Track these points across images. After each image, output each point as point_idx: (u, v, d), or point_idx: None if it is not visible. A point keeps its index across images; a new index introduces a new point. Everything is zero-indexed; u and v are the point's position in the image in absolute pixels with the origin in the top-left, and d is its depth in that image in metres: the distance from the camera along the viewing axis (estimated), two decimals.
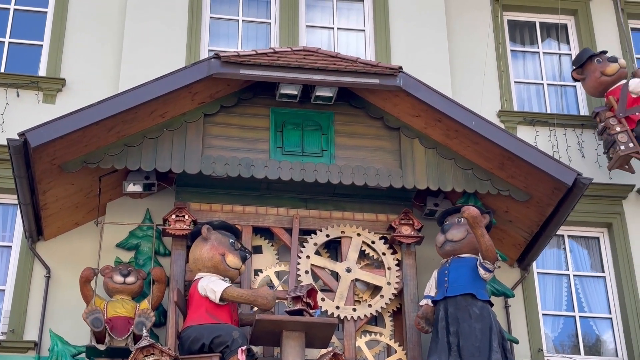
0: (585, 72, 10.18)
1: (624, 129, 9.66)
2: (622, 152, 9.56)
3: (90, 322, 7.65)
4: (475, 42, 10.80)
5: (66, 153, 7.84)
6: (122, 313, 7.82)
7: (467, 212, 7.65)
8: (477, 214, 7.64)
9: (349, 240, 8.51)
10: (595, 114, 10.05)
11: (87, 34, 10.14)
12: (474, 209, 7.67)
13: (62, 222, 8.65)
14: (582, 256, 9.98)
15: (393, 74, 8.19)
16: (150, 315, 7.75)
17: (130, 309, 7.86)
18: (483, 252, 7.73)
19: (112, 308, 7.84)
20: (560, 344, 9.52)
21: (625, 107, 9.82)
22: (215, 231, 7.88)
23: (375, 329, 8.38)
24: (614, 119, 9.76)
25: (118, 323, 7.77)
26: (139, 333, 7.62)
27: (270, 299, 7.50)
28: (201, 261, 7.75)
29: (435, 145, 8.55)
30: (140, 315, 7.75)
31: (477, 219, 7.64)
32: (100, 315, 7.69)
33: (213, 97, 8.38)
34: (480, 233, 7.67)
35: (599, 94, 10.20)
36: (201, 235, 7.83)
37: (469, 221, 7.69)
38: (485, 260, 7.77)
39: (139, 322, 7.71)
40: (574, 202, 8.33)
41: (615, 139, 9.63)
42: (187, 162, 8.12)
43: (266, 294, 7.53)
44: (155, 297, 7.96)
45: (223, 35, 10.48)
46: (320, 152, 8.41)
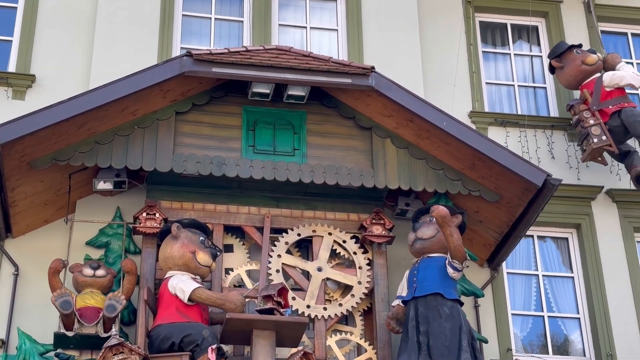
0: (564, 61, 10.25)
1: (597, 122, 9.79)
2: (595, 144, 9.69)
3: (60, 304, 7.50)
4: (447, 43, 10.85)
5: (36, 150, 7.77)
6: (92, 304, 7.68)
7: (436, 211, 7.69)
8: (446, 214, 7.68)
9: (320, 239, 8.52)
10: (569, 106, 10.16)
11: (57, 30, 10.05)
12: (443, 209, 7.71)
13: (31, 219, 8.58)
14: (551, 256, 10.07)
15: (365, 74, 8.21)
16: (121, 299, 7.63)
17: (100, 301, 7.72)
18: (452, 251, 7.77)
19: (82, 300, 7.70)
20: (529, 343, 9.59)
21: (599, 101, 9.95)
22: (185, 229, 7.85)
23: (346, 328, 8.40)
24: (588, 112, 9.89)
25: (87, 312, 7.64)
26: (109, 315, 7.52)
27: (238, 304, 7.49)
28: (172, 259, 7.72)
29: (407, 145, 8.58)
30: (111, 299, 7.62)
31: (446, 219, 7.68)
32: (69, 298, 7.53)
33: (185, 95, 8.35)
34: (449, 232, 7.72)
35: (575, 84, 10.25)
36: (171, 233, 7.80)
37: (437, 221, 7.72)
38: (453, 260, 7.81)
39: (110, 305, 7.58)
40: (543, 202, 8.39)
41: (588, 131, 9.76)
42: (159, 160, 8.09)
43: (235, 299, 7.51)
44: (125, 290, 7.85)
45: (195, 33, 10.45)
46: (292, 151, 8.41)
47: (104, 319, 7.61)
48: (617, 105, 9.90)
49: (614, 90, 10.00)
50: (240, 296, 7.61)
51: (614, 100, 9.94)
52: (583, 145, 9.90)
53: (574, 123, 10.04)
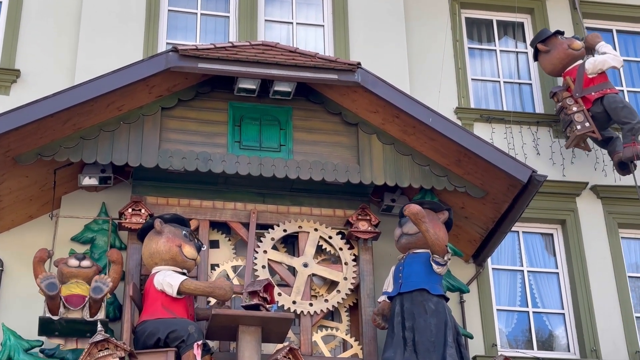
0: (550, 45, 10.30)
1: (580, 109, 9.89)
2: (578, 131, 9.79)
3: (45, 286, 7.38)
4: (433, 39, 10.87)
5: (20, 145, 7.74)
6: (77, 292, 7.60)
7: (408, 210, 7.74)
8: (418, 210, 7.71)
9: (306, 235, 8.53)
10: (552, 94, 10.24)
11: (42, 25, 10.00)
12: (415, 206, 7.75)
13: (16, 214, 8.54)
14: (536, 252, 10.11)
15: (351, 70, 8.22)
16: (108, 281, 7.52)
17: (86, 290, 7.61)
18: (430, 246, 7.80)
19: (67, 289, 7.61)
20: (514, 339, 9.63)
21: (581, 87, 10.03)
22: (167, 224, 7.83)
23: (332, 324, 8.41)
24: (571, 99, 9.99)
25: (73, 298, 7.56)
26: (95, 296, 7.44)
27: (227, 290, 7.49)
28: (158, 254, 7.69)
29: (393, 141, 8.59)
30: (97, 281, 7.51)
31: (419, 215, 7.71)
32: (55, 281, 7.43)
33: (171, 90, 8.33)
34: (425, 228, 7.74)
35: (560, 69, 10.28)
36: (154, 229, 7.78)
37: (411, 219, 7.76)
38: (435, 255, 7.84)
39: (96, 287, 7.48)
40: (528, 198, 8.43)
41: (572, 118, 9.87)
42: (144, 155, 8.07)
43: (223, 284, 7.51)
44: (112, 279, 7.83)
45: (181, 28, 10.42)
46: (278, 147, 8.41)
47: (90, 302, 7.51)
48: (599, 91, 10.00)
49: (596, 77, 10.09)
50: (228, 282, 7.61)
51: (596, 87, 10.02)
52: (567, 132, 10.00)
53: (558, 110, 10.14)
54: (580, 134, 9.80)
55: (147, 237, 7.85)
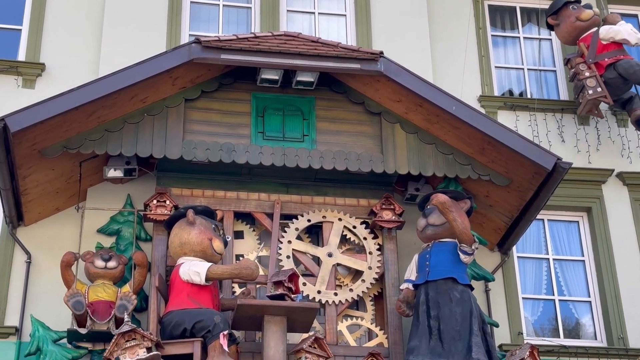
0: (560, 18, 10.42)
1: (592, 74, 9.97)
2: (590, 96, 9.87)
3: (72, 305, 7.62)
4: (456, 27, 10.82)
5: (46, 138, 7.80)
6: (104, 297, 7.80)
7: (436, 199, 7.72)
8: (446, 200, 7.70)
9: (331, 225, 8.53)
10: (567, 60, 10.34)
11: (66, 19, 10.07)
12: (442, 195, 7.73)
13: (43, 207, 8.62)
14: (561, 240, 10.05)
15: (374, 59, 8.20)
16: (132, 298, 7.74)
17: (112, 294, 7.84)
18: (458, 235, 7.78)
19: (94, 292, 7.82)
20: (540, 327, 9.59)
21: (595, 53, 10.10)
22: (198, 216, 7.87)
23: (357, 314, 8.42)
24: (584, 64, 10.09)
25: (99, 307, 7.76)
26: (120, 316, 7.62)
27: (254, 269, 7.51)
28: (189, 245, 7.70)
29: (416, 130, 8.57)
30: (122, 299, 7.74)
31: (446, 205, 7.69)
32: (81, 299, 7.66)
33: (194, 82, 8.35)
34: (452, 218, 7.72)
35: (572, 40, 10.41)
36: (187, 219, 7.79)
37: (438, 208, 7.74)
38: (462, 244, 7.82)
39: (121, 305, 7.70)
40: (553, 186, 8.38)
41: (584, 83, 9.95)
42: (168, 147, 8.10)
43: (249, 264, 7.54)
44: (136, 282, 7.95)
45: (204, 19, 10.44)
46: (301, 137, 8.41)
47: (116, 317, 7.69)
48: (613, 57, 10.05)
49: (610, 44, 10.13)
50: (254, 261, 7.64)
51: (610, 53, 10.08)
52: (579, 98, 10.05)
53: (571, 76, 10.23)
54: (591, 99, 9.88)
55: (177, 226, 7.85)
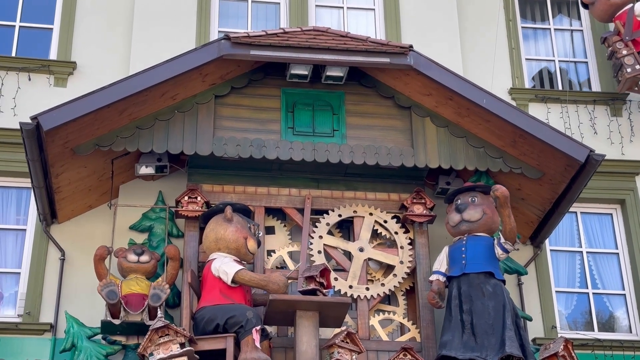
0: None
1: (630, 52, 9.94)
2: (628, 74, 9.84)
3: (106, 294, 7.65)
4: (486, 19, 10.75)
5: (78, 136, 7.86)
6: (137, 290, 7.81)
7: (500, 191, 7.67)
8: (508, 194, 7.66)
9: (361, 219, 8.52)
10: (603, 39, 10.27)
11: (97, 17, 10.15)
12: (505, 189, 7.69)
13: (76, 205, 8.69)
14: (595, 233, 9.97)
15: (403, 53, 8.17)
16: (165, 288, 7.75)
17: (145, 287, 7.84)
18: (507, 232, 7.75)
19: (127, 286, 7.83)
20: (574, 321, 9.53)
21: (631, 31, 10.06)
22: (236, 213, 7.88)
23: (389, 308, 8.41)
24: (621, 42, 10.04)
25: (133, 299, 7.77)
26: (154, 305, 7.64)
27: (281, 285, 7.51)
28: (224, 241, 7.72)
29: (447, 124, 8.53)
30: (155, 287, 7.74)
31: (509, 199, 7.66)
32: (115, 288, 7.69)
33: (224, 78, 8.38)
34: (508, 213, 7.70)
35: (608, 18, 10.37)
36: (224, 215, 7.80)
37: (499, 200, 7.69)
38: (506, 241, 7.78)
39: (154, 294, 7.71)
40: (586, 179, 8.31)
41: (622, 62, 9.92)
42: (199, 143, 8.13)
43: (278, 280, 7.53)
44: (169, 275, 7.97)
45: (233, 16, 10.47)
46: (331, 132, 8.41)
47: (149, 307, 7.73)
48: None
49: None
50: (283, 277, 7.64)
51: None
52: (618, 76, 10.01)
53: (609, 55, 10.17)
54: (630, 77, 9.83)
55: (213, 221, 7.85)
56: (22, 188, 9.24)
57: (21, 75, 9.63)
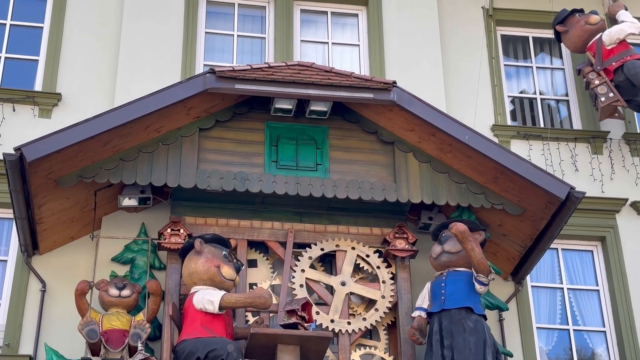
0: (568, 25, 10.47)
1: (602, 81, 10.06)
2: (602, 103, 9.97)
3: (86, 333, 7.65)
4: (469, 56, 10.86)
5: (62, 167, 7.86)
6: (118, 326, 7.82)
7: (455, 227, 7.72)
8: (465, 229, 7.70)
9: (344, 253, 8.54)
10: (578, 70, 10.40)
11: (82, 49, 10.19)
12: (461, 225, 7.73)
13: (58, 236, 8.67)
14: (576, 270, 10.01)
15: (387, 89, 8.25)
16: (146, 327, 7.75)
17: (126, 322, 7.86)
18: (475, 265, 7.77)
19: (108, 321, 7.84)
20: (556, 357, 9.53)
21: (601, 60, 10.16)
22: (208, 244, 7.90)
23: (370, 343, 8.40)
24: (593, 72, 10.16)
25: (113, 335, 7.77)
26: (134, 344, 7.63)
27: (267, 297, 7.51)
28: (197, 274, 7.76)
29: (429, 159, 8.59)
30: (136, 327, 7.75)
31: (465, 234, 7.69)
32: (95, 327, 7.69)
33: (208, 111, 8.42)
34: (470, 247, 7.72)
35: (581, 45, 10.42)
36: (194, 249, 7.84)
37: (457, 237, 7.74)
38: (479, 274, 7.81)
39: (135, 334, 7.71)
40: (567, 215, 8.37)
41: (596, 92, 10.03)
42: (183, 176, 8.15)
43: (262, 293, 7.54)
44: (150, 310, 7.97)
45: (218, 50, 10.54)
46: (314, 166, 8.45)
47: (129, 345, 7.71)
48: (619, 60, 10.10)
49: (615, 47, 10.17)
50: (267, 290, 7.63)
51: (616, 57, 10.13)
52: (596, 106, 10.11)
53: (585, 85, 10.29)
54: (605, 106, 9.94)
55: (187, 256, 7.92)
56: (3, 219, 9.21)
57: (5, 106, 9.64)
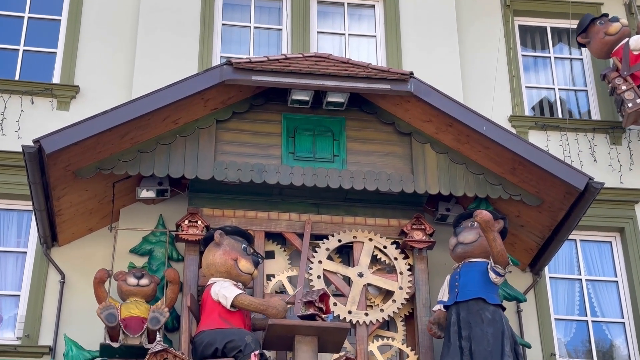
0: (590, 35, 10.47)
1: (629, 86, 10.00)
2: (630, 109, 9.90)
3: (105, 317, 7.65)
4: (487, 47, 10.82)
5: (80, 159, 7.90)
6: (136, 313, 7.81)
7: (480, 216, 7.68)
8: (490, 218, 7.67)
9: (361, 245, 8.54)
10: (603, 75, 10.32)
11: (100, 42, 10.23)
12: (487, 213, 7.69)
13: (77, 228, 8.72)
14: (594, 261, 9.97)
15: (404, 80, 8.23)
16: (165, 311, 7.75)
17: (145, 310, 7.85)
18: (495, 256, 7.75)
19: (126, 309, 7.84)
20: (574, 348, 9.50)
21: (628, 65, 10.12)
22: (228, 236, 7.91)
23: (388, 334, 8.40)
24: (620, 78, 10.09)
25: (132, 322, 7.77)
26: (153, 328, 7.64)
27: (280, 310, 7.52)
28: (214, 266, 7.78)
29: (447, 150, 8.57)
30: (155, 311, 7.75)
31: (489, 223, 7.67)
32: (114, 311, 7.69)
33: (225, 103, 8.43)
34: (492, 237, 7.70)
35: (604, 55, 10.46)
36: (213, 240, 7.87)
37: (481, 225, 7.71)
38: (496, 265, 7.79)
39: (153, 318, 7.71)
40: (585, 206, 8.33)
41: (622, 97, 9.96)
42: (200, 168, 8.17)
43: (277, 304, 7.55)
44: (169, 299, 7.98)
45: (235, 41, 10.54)
46: (332, 158, 8.45)
47: (148, 330, 7.73)
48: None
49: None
50: (283, 302, 7.65)
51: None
52: (621, 112, 10.04)
53: (610, 91, 10.22)
54: (632, 111, 9.87)
55: (207, 247, 7.94)
56: (23, 211, 9.27)
57: (24, 99, 9.69)
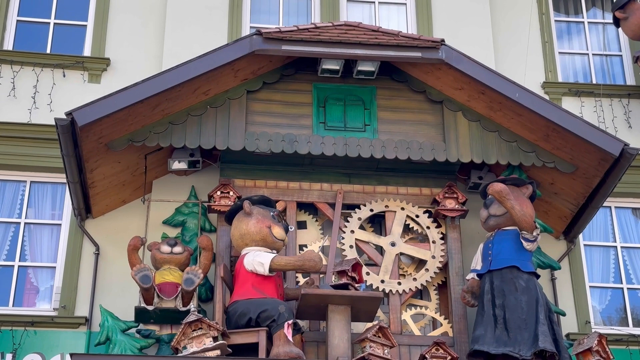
0: (628, 11, 10.16)
1: None
2: None
3: (139, 279, 7.68)
4: (519, 13, 10.68)
5: (112, 132, 7.94)
6: (170, 279, 7.84)
7: (492, 188, 7.67)
8: (502, 188, 7.63)
9: (393, 214, 8.52)
10: (635, 58, 10.09)
11: (130, 14, 10.24)
12: (497, 184, 7.66)
13: (110, 199, 8.78)
14: (629, 228, 9.88)
15: (435, 47, 8.15)
16: (199, 273, 7.76)
17: (178, 277, 7.85)
18: (517, 223, 7.72)
19: (160, 276, 7.86)
20: (608, 316, 9.45)
21: None
22: (255, 206, 7.92)
23: (421, 303, 8.40)
24: None
25: (166, 287, 7.80)
26: (187, 289, 7.68)
27: (317, 261, 7.53)
28: (249, 235, 7.78)
29: (479, 118, 8.50)
30: (189, 272, 7.76)
31: (503, 193, 7.63)
32: (149, 273, 7.70)
33: (255, 73, 8.41)
34: (510, 206, 7.65)
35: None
36: (243, 210, 7.87)
37: (495, 197, 7.68)
38: (523, 232, 7.74)
39: (188, 279, 7.73)
40: (620, 173, 8.24)
41: None
42: (231, 138, 8.18)
43: (313, 256, 7.56)
44: (203, 265, 7.99)
45: (264, 11, 10.50)
46: (363, 127, 8.41)
47: (182, 292, 7.76)
48: None
49: None
50: (317, 254, 7.66)
51: None
52: None
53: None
54: None
55: (236, 218, 7.95)
56: (57, 183, 9.36)
57: (56, 72, 9.74)
